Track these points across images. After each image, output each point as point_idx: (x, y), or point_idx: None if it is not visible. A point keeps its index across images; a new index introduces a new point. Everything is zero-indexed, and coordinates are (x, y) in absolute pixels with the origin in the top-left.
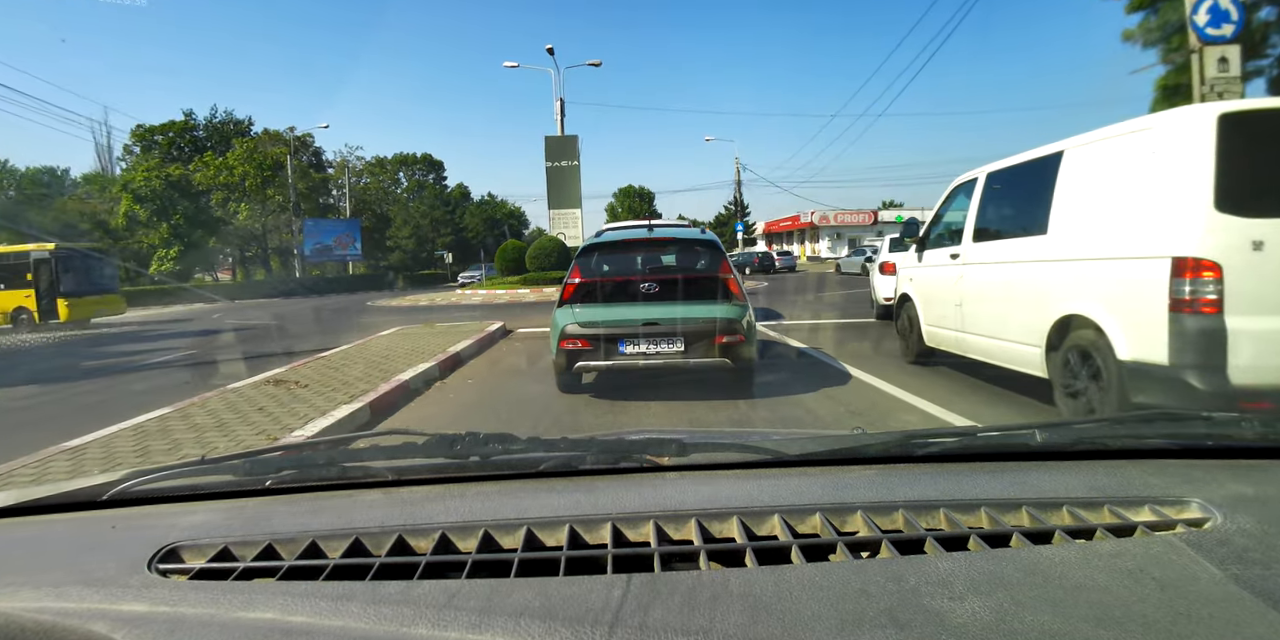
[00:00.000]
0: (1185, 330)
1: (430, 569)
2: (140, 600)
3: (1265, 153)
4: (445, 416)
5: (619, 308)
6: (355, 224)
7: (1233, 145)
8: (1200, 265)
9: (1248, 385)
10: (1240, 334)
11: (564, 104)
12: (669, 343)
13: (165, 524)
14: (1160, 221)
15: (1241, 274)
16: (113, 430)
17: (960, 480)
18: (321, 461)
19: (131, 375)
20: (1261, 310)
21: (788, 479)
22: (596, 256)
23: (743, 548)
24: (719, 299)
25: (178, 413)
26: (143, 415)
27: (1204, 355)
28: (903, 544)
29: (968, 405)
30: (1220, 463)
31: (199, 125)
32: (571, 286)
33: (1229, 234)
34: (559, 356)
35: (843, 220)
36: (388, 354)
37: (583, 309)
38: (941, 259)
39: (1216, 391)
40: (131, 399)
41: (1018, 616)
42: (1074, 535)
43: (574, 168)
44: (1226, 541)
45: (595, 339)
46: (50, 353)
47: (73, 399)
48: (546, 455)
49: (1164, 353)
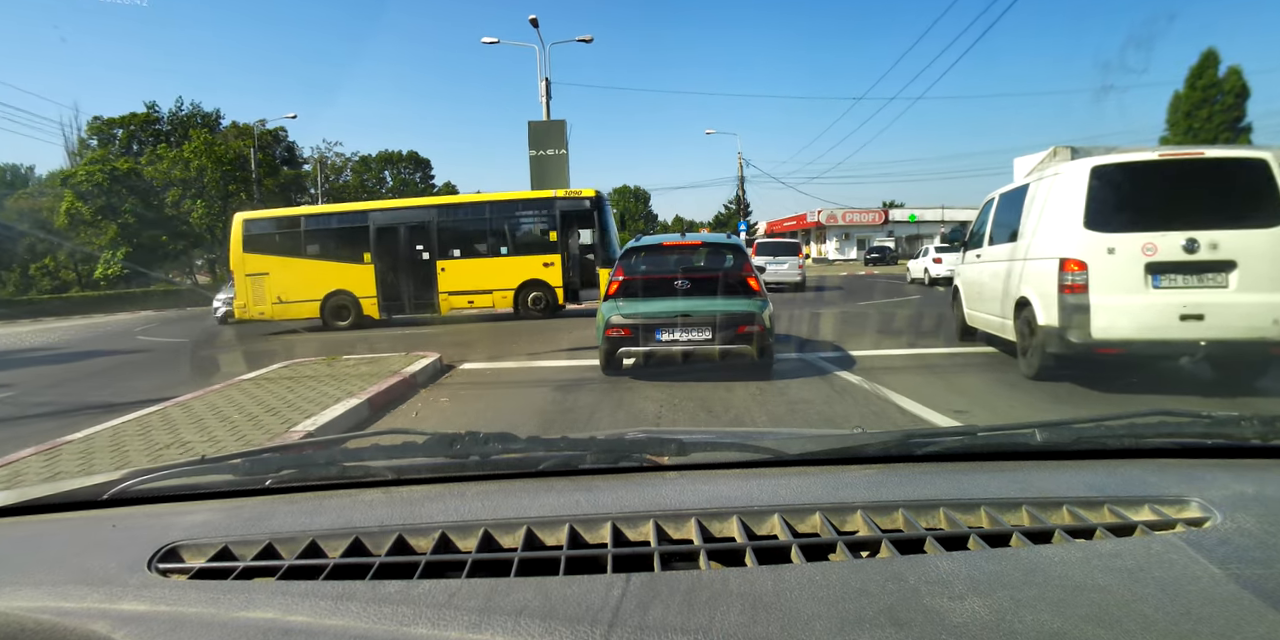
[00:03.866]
0: (1066, 304)
1: (430, 568)
2: (140, 600)
3: (1117, 191)
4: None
5: (656, 302)
6: None
7: (1098, 186)
8: (1074, 263)
9: (1103, 339)
10: (1098, 307)
11: (550, 85)
12: (699, 331)
13: (165, 523)
14: (1058, 235)
15: (1099, 268)
16: None
17: (960, 480)
18: (321, 461)
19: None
20: (1111, 291)
21: (787, 478)
22: (636, 257)
23: (742, 547)
24: (742, 294)
25: None
26: None
27: (1077, 320)
28: (902, 543)
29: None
30: (1220, 463)
31: (162, 118)
32: (615, 284)
33: (1093, 243)
34: (604, 343)
35: (851, 219)
36: (217, 415)
37: (625, 303)
38: (972, 258)
39: (1084, 343)
40: None
41: (1018, 616)
42: (1074, 535)
43: (561, 157)
44: (1226, 541)
45: (635, 328)
46: None
47: None
48: (546, 455)
49: (1056, 318)
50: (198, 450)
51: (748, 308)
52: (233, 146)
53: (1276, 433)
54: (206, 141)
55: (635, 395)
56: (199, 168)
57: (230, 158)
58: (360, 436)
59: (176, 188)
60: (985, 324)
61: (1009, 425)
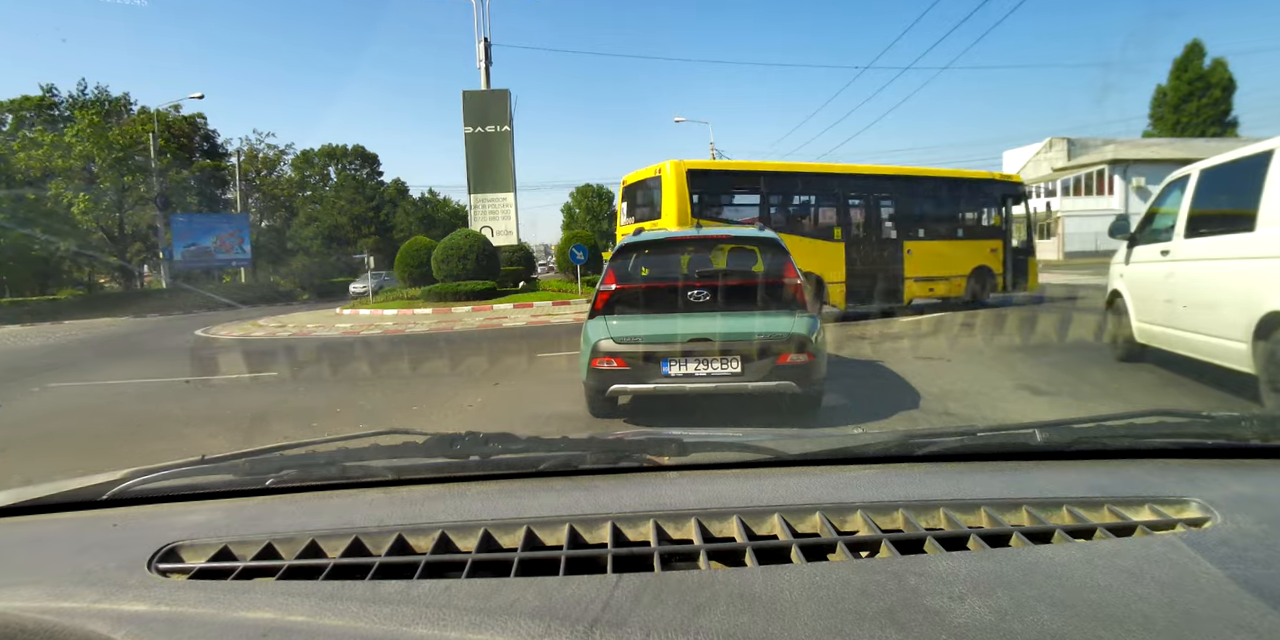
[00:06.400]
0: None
1: (430, 568)
2: (140, 600)
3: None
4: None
5: (661, 320)
6: (243, 220)
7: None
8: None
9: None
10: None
11: (490, 47)
12: (722, 362)
13: (165, 523)
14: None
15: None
16: None
17: (960, 480)
18: (322, 461)
19: None
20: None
21: (787, 478)
22: (634, 258)
23: (742, 547)
24: (783, 309)
25: None
26: None
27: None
28: (902, 543)
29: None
30: (1220, 463)
31: (60, 102)
32: (605, 294)
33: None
34: (590, 378)
35: None
36: None
37: (619, 321)
38: (1149, 255)
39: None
40: None
41: (1018, 616)
42: (1074, 535)
43: (504, 134)
44: (1226, 541)
45: (633, 357)
46: None
47: None
48: (546, 455)
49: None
50: None
51: (790, 328)
52: (128, 131)
53: (1277, 433)
54: (94, 124)
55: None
56: (83, 154)
57: (124, 143)
58: (360, 437)
59: (59, 179)
60: (1181, 345)
61: (1009, 425)
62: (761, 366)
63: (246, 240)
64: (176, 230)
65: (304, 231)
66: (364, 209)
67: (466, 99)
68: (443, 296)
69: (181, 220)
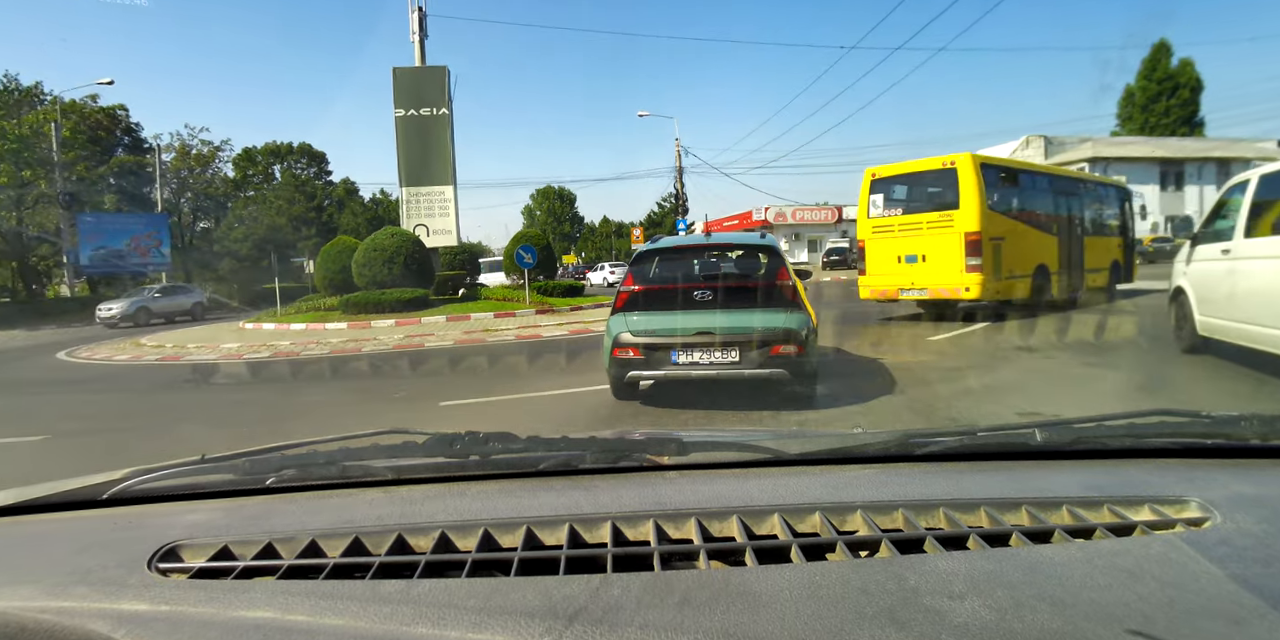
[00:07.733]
0: None
1: (430, 568)
2: (140, 599)
3: None
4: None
5: (672, 316)
6: (162, 221)
7: None
8: None
9: None
10: None
11: (425, 18)
12: (723, 352)
13: (165, 523)
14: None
15: None
16: None
17: (960, 479)
18: (321, 460)
19: None
20: None
21: (787, 478)
22: (651, 262)
23: (742, 547)
24: (779, 307)
25: None
26: None
27: None
28: (902, 543)
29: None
30: (1220, 463)
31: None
32: (625, 294)
33: None
34: (611, 366)
35: (802, 218)
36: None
37: (638, 317)
38: (1211, 254)
39: None
40: None
41: (1018, 616)
42: (1074, 535)
43: (442, 118)
44: (1226, 541)
45: (648, 348)
46: None
47: None
48: (546, 454)
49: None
50: None
51: (783, 323)
52: (26, 121)
53: (1276, 433)
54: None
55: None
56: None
57: (20, 134)
58: (360, 436)
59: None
60: (1242, 336)
61: (1009, 425)
62: (756, 356)
63: (166, 243)
64: (84, 231)
65: (234, 232)
66: (304, 209)
67: (397, 77)
68: (364, 307)
69: (90, 220)
